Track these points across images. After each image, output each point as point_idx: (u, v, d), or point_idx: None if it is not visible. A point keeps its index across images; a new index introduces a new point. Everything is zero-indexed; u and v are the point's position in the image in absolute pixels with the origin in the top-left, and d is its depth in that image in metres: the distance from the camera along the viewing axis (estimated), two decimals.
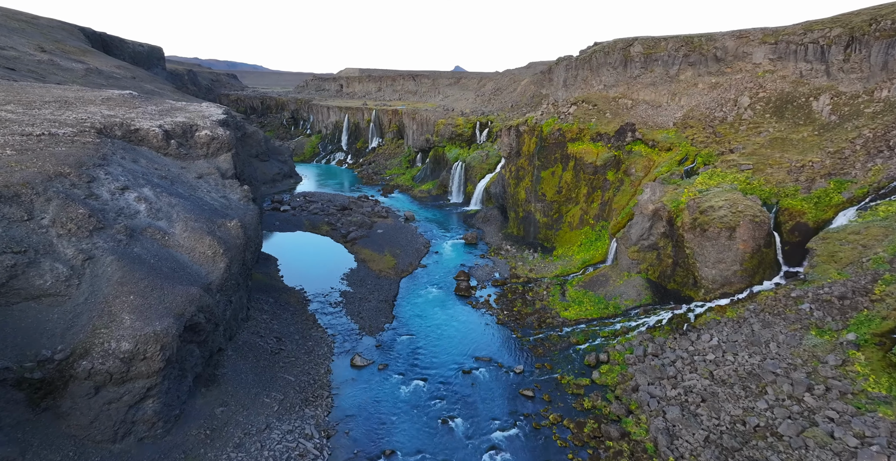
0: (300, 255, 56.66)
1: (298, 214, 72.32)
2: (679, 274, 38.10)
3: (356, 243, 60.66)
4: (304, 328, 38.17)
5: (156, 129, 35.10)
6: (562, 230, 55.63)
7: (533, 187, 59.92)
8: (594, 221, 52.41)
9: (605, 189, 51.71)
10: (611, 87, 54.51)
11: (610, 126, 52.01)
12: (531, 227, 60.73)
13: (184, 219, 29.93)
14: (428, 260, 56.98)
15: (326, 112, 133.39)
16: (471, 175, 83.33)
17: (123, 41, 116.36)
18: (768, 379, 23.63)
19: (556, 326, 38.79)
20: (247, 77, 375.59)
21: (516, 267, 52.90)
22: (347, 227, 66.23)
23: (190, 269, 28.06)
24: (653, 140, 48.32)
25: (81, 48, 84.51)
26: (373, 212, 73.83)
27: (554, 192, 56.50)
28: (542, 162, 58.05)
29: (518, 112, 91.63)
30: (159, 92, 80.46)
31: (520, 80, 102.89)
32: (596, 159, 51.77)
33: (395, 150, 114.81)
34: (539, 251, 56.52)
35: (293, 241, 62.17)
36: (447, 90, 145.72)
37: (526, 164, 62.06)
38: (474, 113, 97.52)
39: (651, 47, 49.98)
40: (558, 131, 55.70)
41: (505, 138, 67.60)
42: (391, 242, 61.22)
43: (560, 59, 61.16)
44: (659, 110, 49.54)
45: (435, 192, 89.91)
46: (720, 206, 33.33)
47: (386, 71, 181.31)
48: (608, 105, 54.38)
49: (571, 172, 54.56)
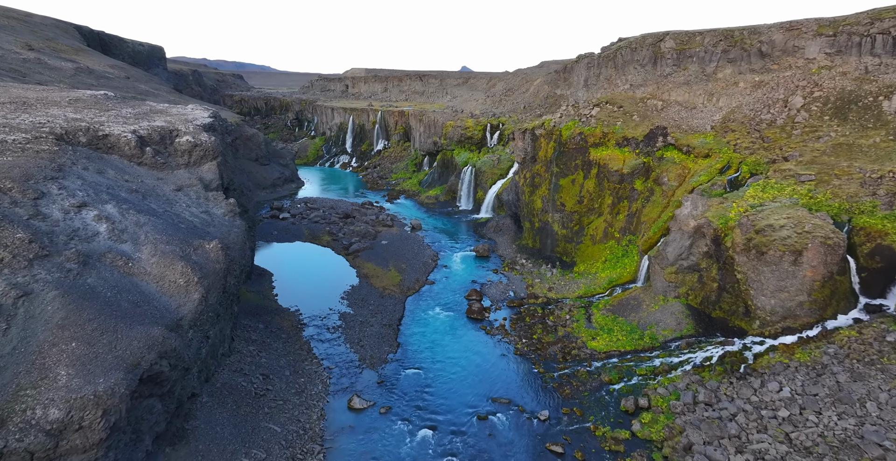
0: (298, 270, 52.23)
1: (298, 223, 68.00)
2: (726, 300, 33.10)
3: (359, 256, 56.14)
4: (297, 360, 33.63)
5: (128, 135, 30.78)
6: (583, 244, 50.71)
7: (550, 196, 55.07)
8: (620, 235, 47.46)
9: (632, 199, 46.75)
10: (638, 86, 49.58)
11: (638, 130, 47.07)
12: (548, 239, 55.85)
13: (153, 241, 25.52)
14: (436, 275, 52.30)
15: (331, 113, 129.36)
16: (481, 181, 78.61)
17: (123, 40, 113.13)
18: (874, 453, 18.72)
19: (584, 360, 33.91)
20: (254, 78, 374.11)
21: (533, 285, 48.06)
22: (350, 238, 61.76)
23: (157, 302, 23.60)
24: (687, 145, 43.33)
25: (74, 47, 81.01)
26: (377, 220, 69.34)
27: (574, 201, 51.61)
28: (561, 168, 53.20)
29: (531, 113, 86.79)
30: (154, 92, 76.69)
31: (532, 79, 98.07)
32: (622, 166, 46.85)
33: (401, 153, 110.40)
34: (558, 266, 51.61)
35: (291, 253, 57.79)
36: (455, 91, 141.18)
37: (542, 171, 57.23)
38: (484, 114, 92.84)
39: (685, 42, 45.07)
40: (579, 135, 50.85)
41: (519, 142, 62.80)
42: (396, 255, 56.63)
43: (581, 57, 56.31)
44: (694, 112, 44.55)
45: (443, 198, 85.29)
46: (782, 224, 28.33)
47: (392, 71, 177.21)
48: (635, 106, 49.44)
49: (594, 180, 49.66)
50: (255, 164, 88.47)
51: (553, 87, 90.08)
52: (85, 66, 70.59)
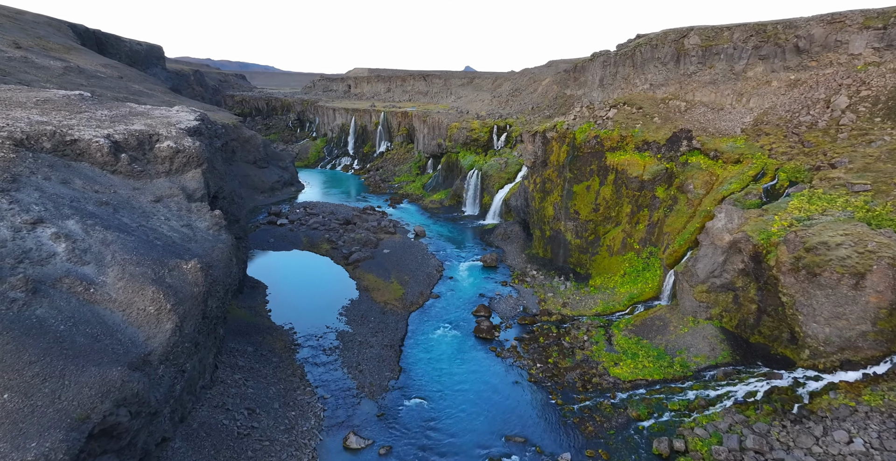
0: (294, 282, 49.01)
1: (297, 229, 64.83)
2: (767, 325, 29.58)
3: (359, 266, 52.87)
4: (288, 388, 30.35)
5: (100, 141, 27.60)
6: (599, 255, 47.22)
7: (563, 203, 51.62)
8: (640, 246, 43.96)
9: (653, 208, 43.26)
10: (659, 86, 46.11)
11: (659, 133, 43.59)
12: (560, 248, 52.39)
13: (121, 262, 22.30)
14: (441, 288, 48.95)
15: (332, 114, 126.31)
16: (487, 185, 75.25)
17: (120, 39, 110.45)
18: None
19: (607, 390, 30.45)
20: (257, 78, 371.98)
21: (546, 299, 44.62)
22: (350, 246, 58.51)
23: (121, 335, 20.37)
24: (715, 150, 39.81)
25: (66, 45, 78.21)
26: (379, 227, 66.09)
27: (589, 209, 48.14)
28: (575, 174, 49.75)
29: (540, 114, 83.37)
30: (148, 93, 73.74)
31: (540, 79, 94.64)
32: (642, 172, 43.37)
33: (404, 156, 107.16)
34: (571, 279, 48.15)
35: (288, 263, 54.57)
36: (460, 91, 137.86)
37: (554, 176, 53.80)
38: (491, 116, 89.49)
39: (711, 38, 41.62)
40: (595, 139, 47.39)
41: (528, 145, 59.41)
42: (399, 265, 53.33)
43: (595, 55, 52.87)
44: (721, 114, 41.05)
45: (447, 202, 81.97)
46: (838, 242, 24.84)
47: (395, 71, 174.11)
48: (656, 108, 45.96)
49: (611, 187, 46.18)
50: (254, 167, 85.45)
51: (563, 87, 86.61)
52: (75, 65, 67.69)
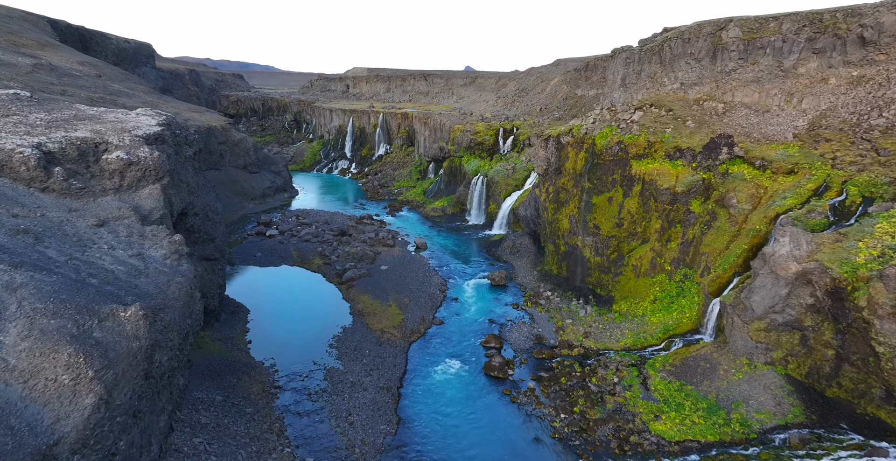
0: (281, 304, 43.67)
1: (287, 241, 59.51)
2: (850, 376, 24.26)
3: (354, 286, 47.52)
4: (262, 451, 24.99)
5: (25, 151, 22.28)
6: (623, 276, 41.87)
7: (581, 216, 46.29)
8: (672, 268, 38.61)
9: (687, 224, 37.92)
10: (692, 85, 40.81)
11: (694, 138, 38.27)
12: (578, 266, 47.04)
13: (30, 313, 16.94)
14: (445, 311, 43.62)
15: (329, 115, 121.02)
16: (493, 192, 69.93)
17: (106, 36, 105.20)
18: None
19: (650, 453, 25.11)
20: (256, 78, 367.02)
21: (564, 327, 39.30)
22: (345, 262, 53.16)
23: (16, 418, 15.05)
24: (762, 158, 34.48)
25: (41, 41, 72.96)
26: (376, 238, 60.75)
27: (612, 224, 42.79)
28: (595, 184, 44.42)
29: (549, 116, 78.07)
30: (128, 93, 68.45)
31: (548, 79, 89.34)
32: (675, 183, 38.05)
33: (404, 159, 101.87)
34: (591, 302, 42.82)
35: (275, 282, 49.22)
36: (462, 91, 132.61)
37: (570, 186, 48.48)
38: (496, 117, 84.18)
39: (755, 30, 36.36)
40: (618, 145, 42.08)
41: (540, 151, 54.11)
42: (398, 284, 47.99)
43: (617, 51, 47.56)
44: (767, 117, 35.75)
45: (450, 210, 76.63)
46: None
47: (395, 70, 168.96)
48: (688, 110, 40.64)
49: (637, 200, 40.85)
50: (244, 173, 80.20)
51: (573, 87, 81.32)
52: (46, 63, 62.43)
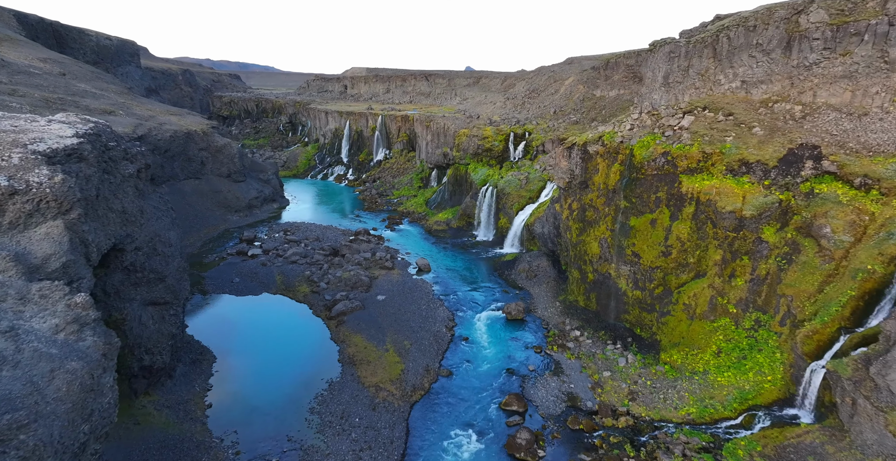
0: (256, 347, 36.22)
1: (271, 263, 52.05)
2: None
3: (344, 322, 40.07)
4: None
5: None
6: (672, 316, 34.40)
7: (615, 240, 38.88)
8: (738, 310, 31.14)
9: (758, 257, 30.49)
10: (756, 84, 33.40)
11: (765, 149, 30.84)
12: (611, 300, 39.60)
13: None
14: (453, 357, 36.19)
15: (325, 117, 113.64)
16: (504, 204, 62.50)
17: (84, 33, 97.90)
18: None
19: None
20: (255, 78, 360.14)
21: (602, 381, 31.87)
22: (335, 290, 45.69)
23: None
24: (864, 175, 27.09)
25: (0, 36, 65.64)
26: (373, 259, 53.32)
27: (656, 252, 35.34)
28: (634, 203, 37.01)
29: (564, 120, 70.69)
30: (95, 93, 61.14)
31: (562, 78, 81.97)
32: (741, 205, 30.62)
33: (404, 165, 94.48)
34: (633, 348, 35.40)
35: (252, 316, 41.74)
36: (466, 92, 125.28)
37: (600, 203, 41.09)
38: (505, 121, 76.79)
39: (846, 11, 28.95)
40: (663, 157, 34.67)
41: (562, 161, 46.73)
42: (397, 320, 40.54)
43: (657, 44, 40.13)
44: (865, 121, 28.39)
45: (455, 223, 69.19)
46: None
47: (395, 70, 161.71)
48: (754, 114, 33.22)
49: (689, 224, 33.42)
50: (227, 182, 72.77)
51: (590, 87, 73.95)
52: None
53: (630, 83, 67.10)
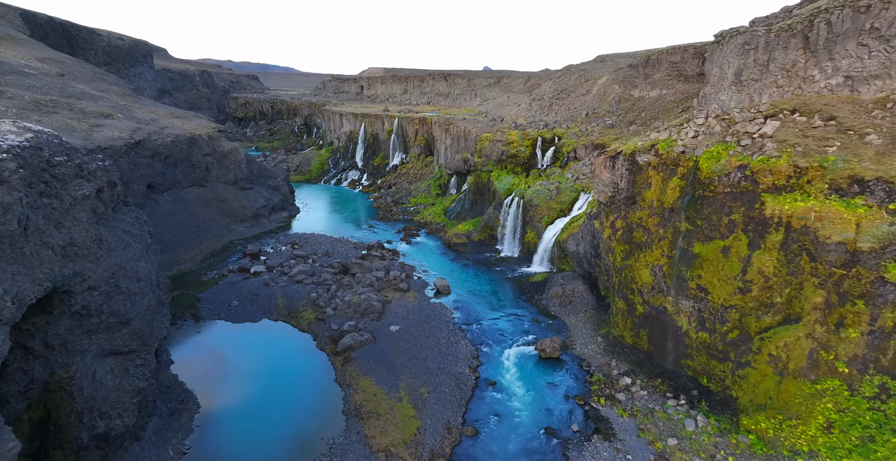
0: (247, 392, 30.92)
1: (274, 283, 46.96)
2: None
3: (352, 359, 34.53)
4: None
5: None
6: (755, 369, 27.81)
7: (673, 269, 32.43)
8: (854, 371, 24.43)
9: (880, 303, 23.78)
10: (868, 79, 26.70)
11: (889, 163, 24.12)
12: (668, 340, 33.14)
13: None
14: (479, 409, 30.26)
15: (339, 120, 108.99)
16: (532, 217, 56.31)
17: (95, 33, 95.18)
18: None
19: None
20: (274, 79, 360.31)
21: (668, 454, 25.56)
22: (343, 317, 40.26)
23: None
24: None
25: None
26: (386, 278, 47.77)
27: (730, 287, 28.82)
28: (700, 226, 30.54)
29: (599, 123, 64.08)
30: (93, 95, 57.17)
31: (594, 78, 75.24)
32: (854, 235, 23.99)
33: (421, 171, 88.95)
34: (701, 405, 28.92)
35: (247, 349, 36.50)
36: (486, 92, 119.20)
37: (652, 224, 34.66)
38: (532, 124, 70.49)
39: None
40: (740, 171, 28.17)
41: (603, 172, 40.39)
42: (412, 357, 34.82)
43: (726, 35, 33.50)
44: None
45: (477, 236, 63.25)
46: None
47: (413, 70, 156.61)
48: (866, 118, 26.52)
49: (777, 255, 26.82)
50: (234, 189, 68.27)
51: (627, 87, 67.17)
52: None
53: (675, 82, 60.18)
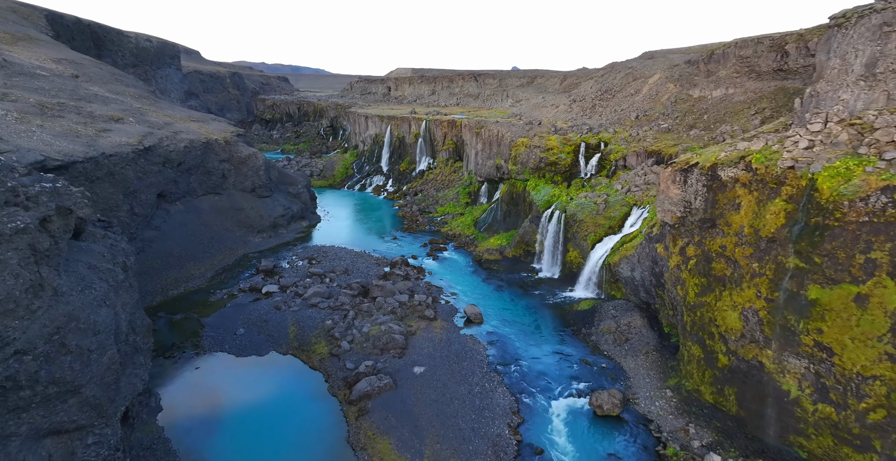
0: (243, 455, 25.70)
1: (286, 306, 42.04)
2: None
3: (368, 411, 28.90)
4: None
5: None
6: None
7: (776, 315, 25.39)
8: None
9: None
10: None
11: None
12: (766, 405, 26.07)
13: None
14: None
15: (364, 122, 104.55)
16: (575, 233, 49.58)
17: (122, 34, 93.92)
18: None
19: None
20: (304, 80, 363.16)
21: None
22: (360, 354, 34.78)
23: None
24: None
25: (18, 35, 60.35)
26: (410, 303, 42.13)
27: (874, 353, 21.78)
28: (818, 264, 23.49)
29: (652, 127, 56.71)
30: (106, 97, 53.95)
31: (644, 76, 67.64)
32: None
33: (449, 177, 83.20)
34: None
35: (249, 393, 31.35)
36: (519, 93, 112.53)
37: (740, 255, 27.65)
38: (573, 128, 63.60)
39: None
40: (883, 194, 21.05)
41: (671, 188, 33.52)
42: (440, 413, 28.91)
43: (849, 15, 26.17)
44: None
45: (510, 252, 56.91)
46: None
47: (441, 71, 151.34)
48: None
49: None
50: (251, 197, 64.22)
51: (685, 86, 59.46)
52: (1, 59, 48.79)
53: (744, 80, 52.26)
